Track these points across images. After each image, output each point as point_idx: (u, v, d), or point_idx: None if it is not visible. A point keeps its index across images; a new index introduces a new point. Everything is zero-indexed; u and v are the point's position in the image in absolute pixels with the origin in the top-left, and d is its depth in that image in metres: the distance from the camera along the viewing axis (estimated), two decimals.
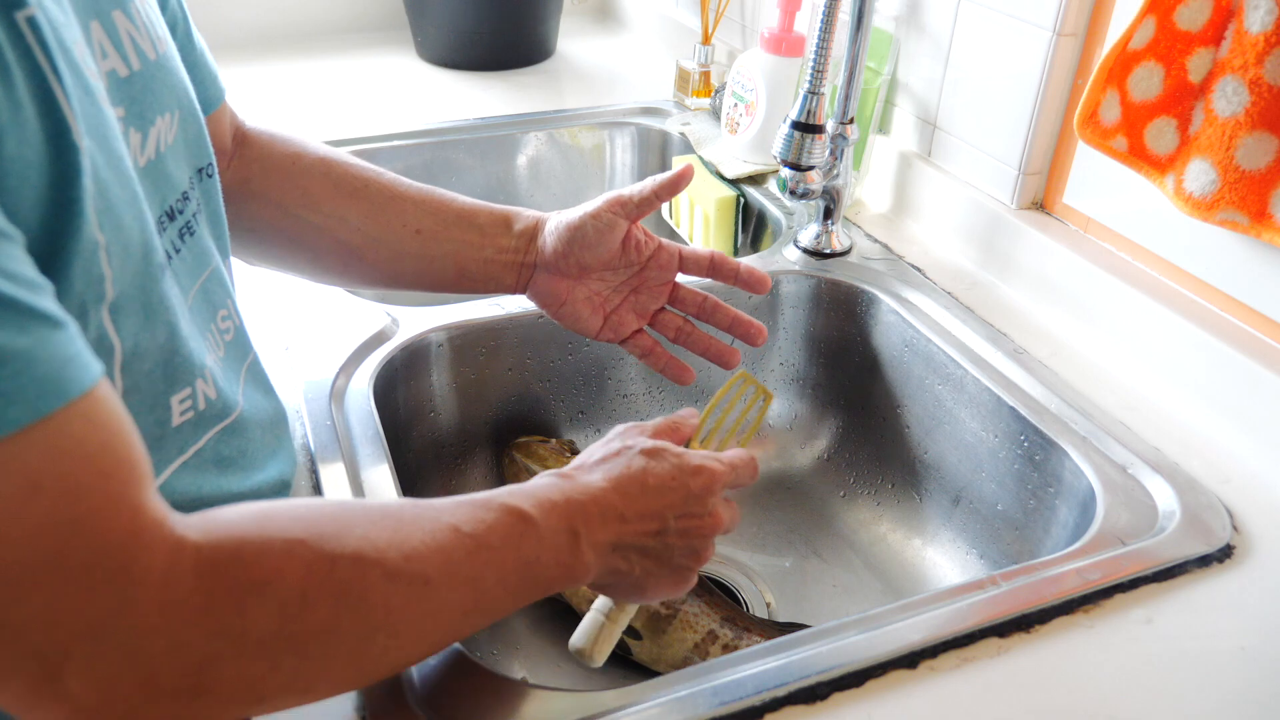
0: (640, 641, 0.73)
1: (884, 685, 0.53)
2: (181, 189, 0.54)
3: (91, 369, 0.36)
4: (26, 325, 0.34)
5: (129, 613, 0.36)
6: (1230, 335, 0.72)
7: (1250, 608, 0.59)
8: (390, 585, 0.44)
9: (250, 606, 0.39)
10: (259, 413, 0.60)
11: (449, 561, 0.46)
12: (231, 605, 0.39)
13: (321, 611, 0.41)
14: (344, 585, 0.42)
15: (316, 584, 0.41)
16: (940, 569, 0.84)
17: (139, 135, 0.49)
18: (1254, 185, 0.67)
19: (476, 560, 0.47)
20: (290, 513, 0.43)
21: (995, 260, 0.91)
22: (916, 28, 0.97)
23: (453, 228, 0.72)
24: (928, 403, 0.86)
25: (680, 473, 0.57)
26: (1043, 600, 0.58)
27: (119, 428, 0.37)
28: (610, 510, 0.54)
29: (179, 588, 0.37)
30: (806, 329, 0.96)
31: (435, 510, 0.48)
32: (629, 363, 0.92)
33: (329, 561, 0.42)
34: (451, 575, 0.46)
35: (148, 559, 0.37)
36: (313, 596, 0.41)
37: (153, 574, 0.37)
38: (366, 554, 0.43)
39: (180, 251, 0.53)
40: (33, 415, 0.34)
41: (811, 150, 0.85)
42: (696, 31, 1.32)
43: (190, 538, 0.38)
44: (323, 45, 1.50)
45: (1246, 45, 0.65)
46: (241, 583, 0.39)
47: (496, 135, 1.23)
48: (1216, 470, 0.69)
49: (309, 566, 0.41)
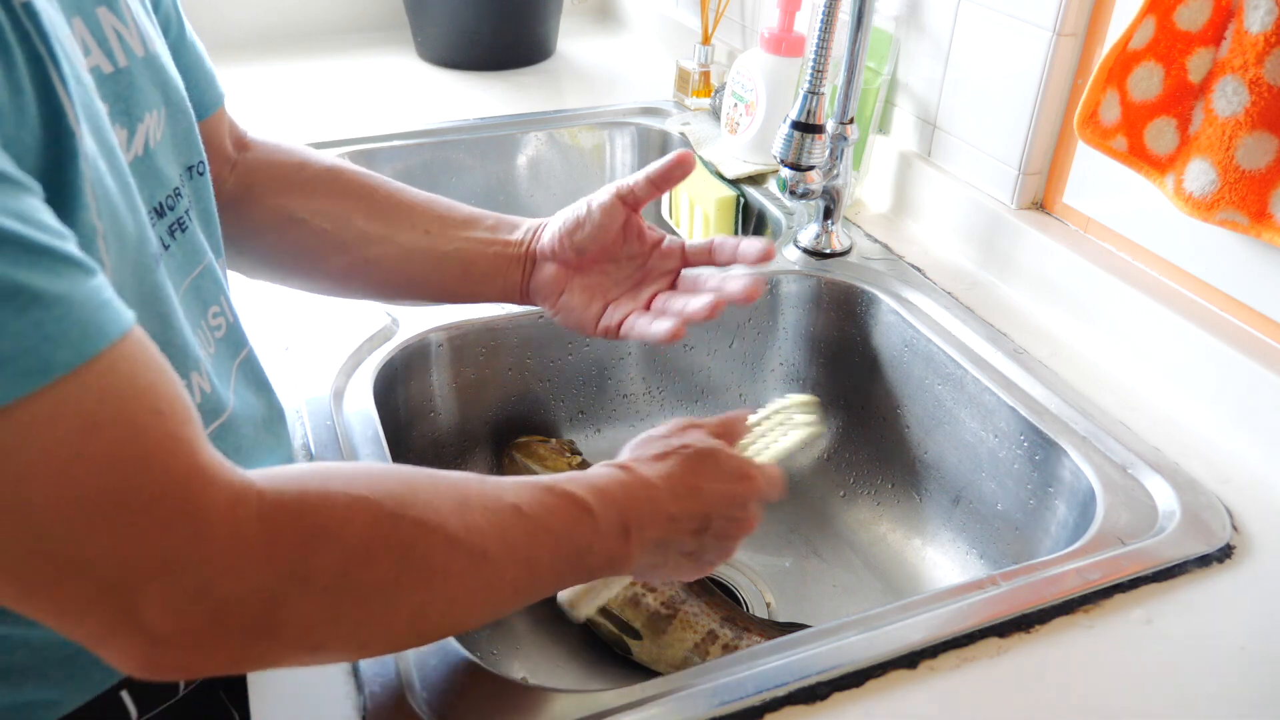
0: (640, 641, 0.73)
1: (884, 685, 0.53)
2: (172, 185, 0.54)
3: (126, 314, 0.37)
4: (60, 270, 0.34)
5: (199, 547, 0.37)
6: (1230, 335, 0.72)
7: (1250, 608, 0.59)
8: (451, 552, 0.44)
9: (315, 551, 0.40)
10: (252, 410, 0.60)
11: (508, 539, 0.47)
12: (298, 548, 0.39)
13: (384, 566, 0.42)
14: (407, 544, 0.43)
15: (381, 538, 0.42)
16: (940, 569, 0.84)
17: (125, 132, 0.49)
18: (1254, 185, 0.67)
19: (534, 541, 0.49)
20: (355, 472, 0.44)
21: (995, 260, 0.91)
22: (916, 28, 0.97)
23: (460, 227, 0.72)
24: (928, 403, 0.86)
25: (731, 479, 0.59)
26: (1043, 600, 0.58)
27: (163, 369, 0.38)
28: (662, 510, 0.55)
29: (246, 527, 0.38)
30: (806, 329, 0.96)
31: (499, 488, 0.49)
32: (629, 363, 0.92)
33: (393, 520, 0.43)
34: (510, 552, 0.47)
35: (212, 498, 0.37)
36: (376, 550, 0.42)
37: (218, 509, 0.37)
38: (430, 519, 0.44)
39: (170, 248, 0.53)
40: (80, 357, 0.34)
41: (811, 150, 0.85)
42: (696, 31, 1.32)
43: (254, 483, 0.39)
44: (323, 45, 1.50)
45: (1246, 45, 0.65)
46: (307, 527, 0.40)
47: (496, 135, 1.23)
48: (1216, 470, 0.69)
49: (374, 521, 0.42)
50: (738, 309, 0.93)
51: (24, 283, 0.33)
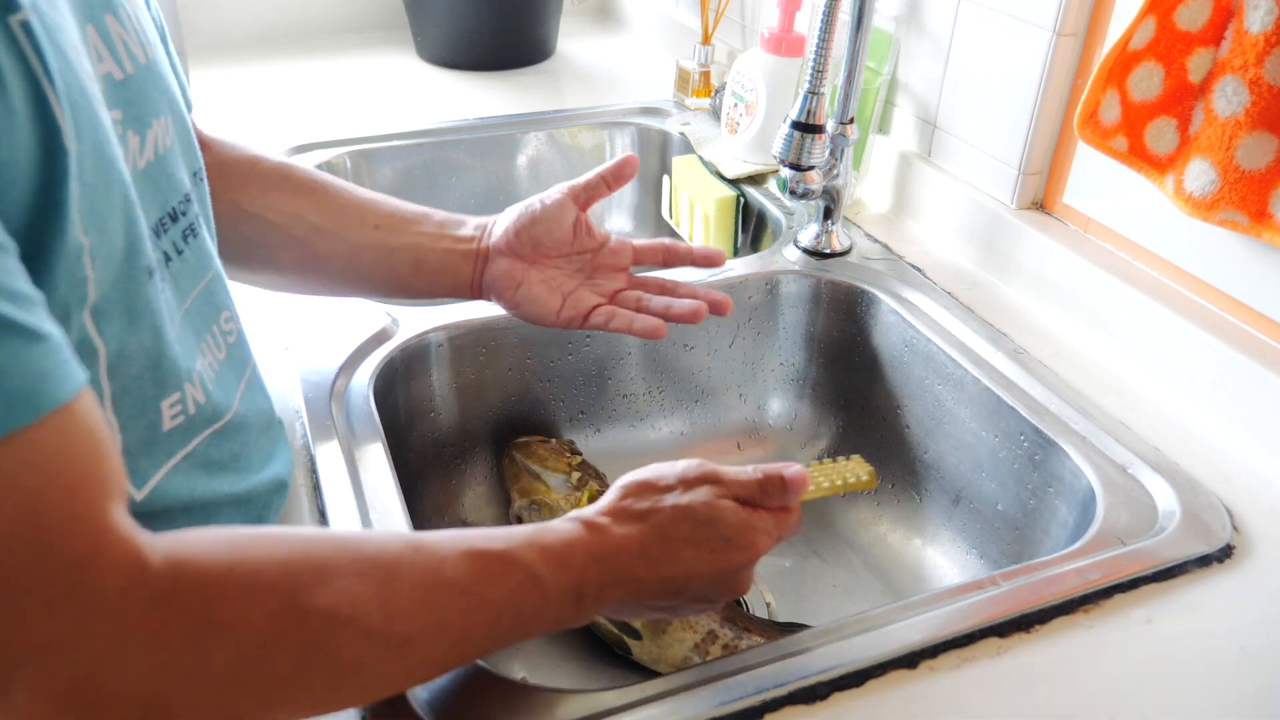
0: (640, 641, 0.73)
1: (884, 685, 0.53)
2: (184, 191, 0.54)
3: (69, 383, 0.36)
4: (5, 339, 0.33)
5: (83, 633, 0.35)
6: (1230, 335, 0.72)
7: (1250, 608, 0.59)
8: (364, 644, 0.42)
9: (206, 645, 0.38)
10: (256, 415, 0.60)
11: (438, 621, 0.45)
12: (187, 641, 0.38)
13: (283, 662, 0.40)
14: (311, 641, 0.41)
15: (280, 634, 0.40)
16: (940, 569, 0.84)
17: (137, 138, 0.49)
18: (1254, 185, 0.67)
19: (470, 618, 0.46)
20: (270, 550, 0.42)
21: (995, 260, 0.91)
22: (916, 28, 0.97)
23: (408, 223, 0.73)
24: (928, 403, 0.86)
25: (728, 546, 0.53)
26: (1043, 600, 0.58)
27: (92, 442, 0.37)
28: (630, 575, 0.51)
29: (137, 613, 0.36)
30: (806, 329, 0.96)
31: (438, 559, 0.46)
32: (629, 363, 0.92)
33: (298, 614, 0.40)
34: (438, 634, 0.45)
35: (106, 579, 0.36)
36: (275, 646, 0.40)
37: (109, 595, 0.36)
38: (342, 611, 0.41)
39: (183, 253, 0.53)
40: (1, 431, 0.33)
41: (811, 150, 0.85)
42: (696, 31, 1.32)
43: (153, 563, 0.37)
44: (323, 45, 1.50)
45: (1246, 45, 0.65)
46: (199, 619, 0.38)
47: (496, 135, 1.23)
48: (1216, 470, 0.69)
49: (274, 616, 0.40)
50: (738, 308, 0.93)
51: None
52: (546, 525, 0.52)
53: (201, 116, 0.67)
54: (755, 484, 0.55)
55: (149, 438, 0.50)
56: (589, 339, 0.89)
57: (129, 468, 0.49)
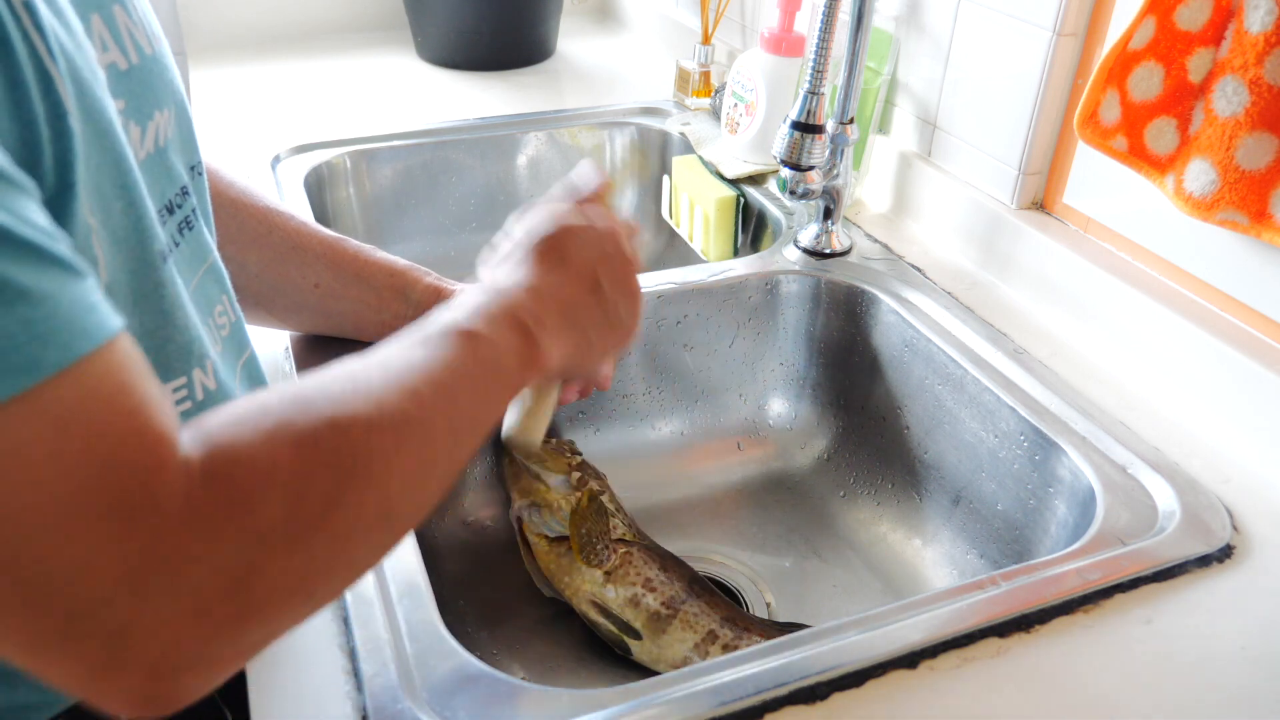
0: (640, 641, 0.73)
1: (884, 685, 0.53)
2: (181, 183, 0.54)
3: (112, 320, 0.37)
4: (49, 270, 0.34)
5: (163, 545, 0.36)
6: (1230, 335, 0.72)
7: (1250, 608, 0.59)
8: (373, 435, 0.43)
9: (258, 502, 0.39)
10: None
11: (416, 393, 0.47)
12: (242, 507, 0.39)
13: (322, 483, 0.41)
14: (332, 451, 0.42)
15: (307, 460, 0.41)
16: (940, 569, 0.84)
17: (138, 129, 0.49)
18: (1254, 185, 0.67)
19: (442, 384, 0.48)
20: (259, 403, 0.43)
21: (995, 260, 0.91)
22: (916, 28, 0.97)
23: (350, 285, 0.73)
24: (928, 403, 0.86)
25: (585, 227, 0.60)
26: (1043, 600, 0.58)
27: (141, 367, 0.38)
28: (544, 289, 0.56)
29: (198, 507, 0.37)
30: (806, 329, 0.96)
31: (383, 355, 0.48)
32: (629, 363, 0.92)
33: (311, 434, 0.41)
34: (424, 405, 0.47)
35: (171, 488, 0.37)
36: (308, 473, 0.41)
37: (176, 500, 0.37)
38: (340, 417, 0.43)
39: (180, 245, 0.54)
40: (67, 358, 0.34)
41: (811, 150, 0.85)
42: (696, 31, 1.32)
43: (196, 457, 0.38)
44: (323, 45, 1.50)
45: (1246, 45, 0.65)
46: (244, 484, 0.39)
47: (496, 135, 1.23)
48: (1216, 470, 0.69)
49: (296, 447, 0.41)
50: (737, 308, 0.93)
51: (10, 278, 0.33)
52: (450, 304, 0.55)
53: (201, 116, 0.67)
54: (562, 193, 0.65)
55: None
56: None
57: None
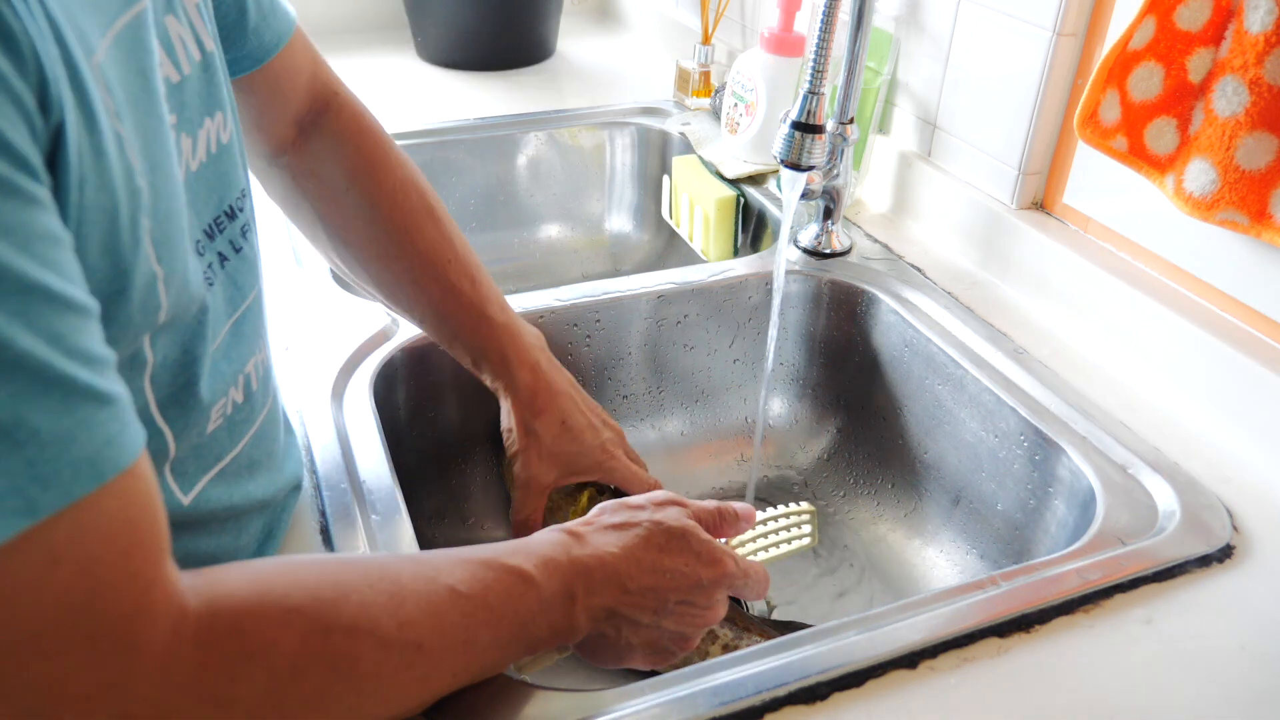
0: None
1: (884, 685, 0.53)
2: (240, 186, 0.53)
3: (132, 447, 0.36)
4: (73, 405, 0.33)
5: (125, 683, 0.36)
6: (1230, 335, 0.72)
7: (1250, 608, 0.59)
8: (383, 653, 0.44)
9: (242, 676, 0.39)
10: (277, 410, 0.61)
11: (443, 625, 0.47)
12: (224, 675, 0.39)
13: (312, 680, 0.42)
14: (337, 655, 0.42)
15: (310, 654, 0.42)
16: (940, 569, 0.84)
17: (189, 140, 0.48)
18: (1254, 185, 0.67)
19: (472, 622, 0.48)
20: (292, 576, 0.43)
21: (995, 260, 0.91)
22: (916, 28, 0.97)
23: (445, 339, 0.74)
24: (928, 403, 0.86)
25: (697, 560, 0.57)
26: (1043, 600, 0.58)
27: (148, 503, 0.37)
28: (614, 578, 0.54)
29: (178, 659, 0.37)
30: (806, 329, 0.96)
31: (435, 568, 0.48)
32: (629, 363, 0.92)
33: (324, 633, 0.42)
34: (445, 639, 0.47)
35: (153, 633, 0.37)
36: (305, 666, 0.41)
37: (155, 646, 0.37)
38: (362, 625, 0.43)
39: (241, 250, 0.53)
40: (66, 500, 0.33)
41: (811, 150, 0.85)
42: (696, 31, 1.32)
43: (192, 608, 0.38)
44: (323, 45, 1.48)
45: (1246, 45, 0.65)
46: (236, 653, 0.39)
47: (496, 135, 1.23)
48: (1216, 470, 0.69)
49: (304, 637, 0.41)
50: (737, 309, 0.94)
51: (25, 418, 0.32)
52: (532, 536, 0.54)
53: None
54: (714, 512, 0.62)
55: (196, 442, 0.50)
56: (589, 339, 0.89)
57: (177, 473, 0.50)
